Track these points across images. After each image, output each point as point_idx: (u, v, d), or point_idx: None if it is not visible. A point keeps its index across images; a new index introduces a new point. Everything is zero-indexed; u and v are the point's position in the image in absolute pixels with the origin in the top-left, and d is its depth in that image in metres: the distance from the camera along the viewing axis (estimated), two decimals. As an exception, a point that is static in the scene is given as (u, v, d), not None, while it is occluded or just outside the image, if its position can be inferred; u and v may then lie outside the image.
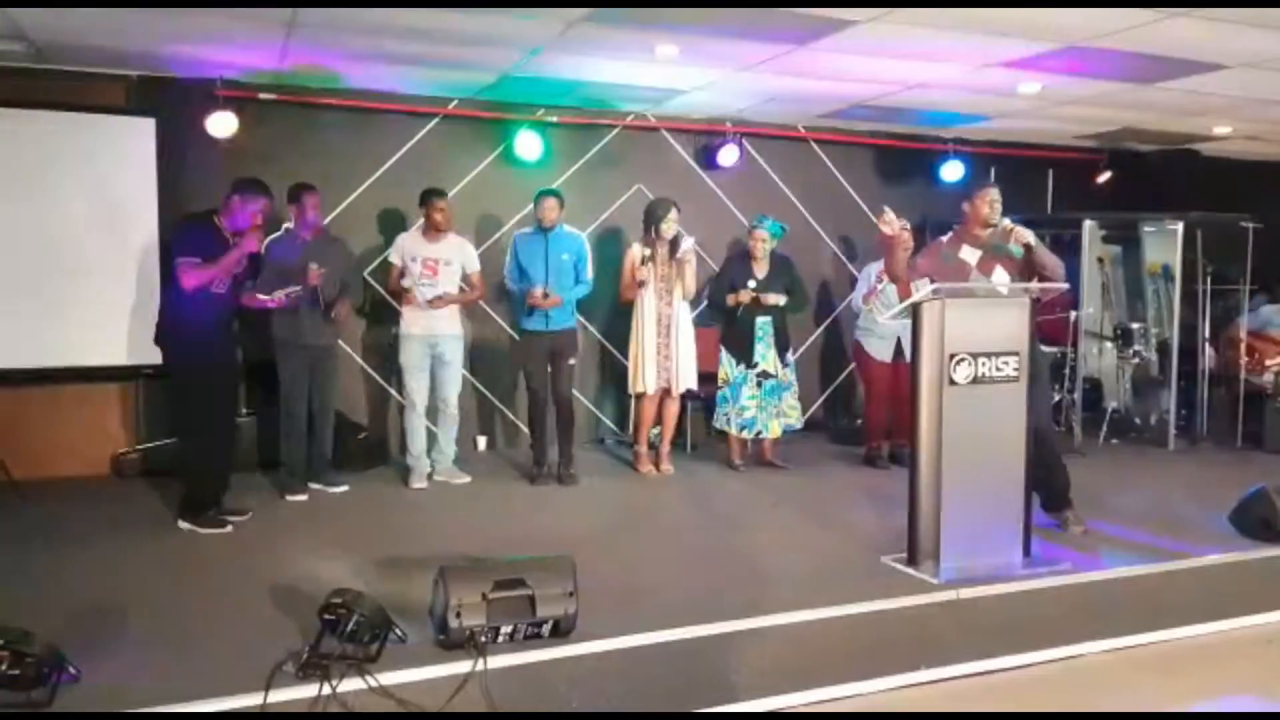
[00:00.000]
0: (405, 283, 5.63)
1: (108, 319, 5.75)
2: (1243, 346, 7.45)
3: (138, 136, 5.78)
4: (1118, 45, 5.02)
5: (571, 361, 5.83)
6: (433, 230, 5.65)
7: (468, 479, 5.84)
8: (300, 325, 5.28)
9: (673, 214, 5.84)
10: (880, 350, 6.31)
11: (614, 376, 7.01)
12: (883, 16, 4.56)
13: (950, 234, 4.84)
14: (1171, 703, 3.47)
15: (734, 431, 6.17)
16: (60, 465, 5.75)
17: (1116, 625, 3.98)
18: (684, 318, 5.99)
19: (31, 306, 5.62)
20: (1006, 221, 4.65)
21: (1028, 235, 4.58)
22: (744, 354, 6.08)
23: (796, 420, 6.28)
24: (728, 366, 6.13)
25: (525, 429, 6.38)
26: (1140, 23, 4.61)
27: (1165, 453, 7.05)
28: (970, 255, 4.66)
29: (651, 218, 5.88)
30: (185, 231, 4.72)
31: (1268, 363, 7.41)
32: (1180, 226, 7.21)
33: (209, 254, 4.58)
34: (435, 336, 5.70)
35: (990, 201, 4.66)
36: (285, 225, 5.47)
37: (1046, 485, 4.77)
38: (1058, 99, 6.34)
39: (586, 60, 5.49)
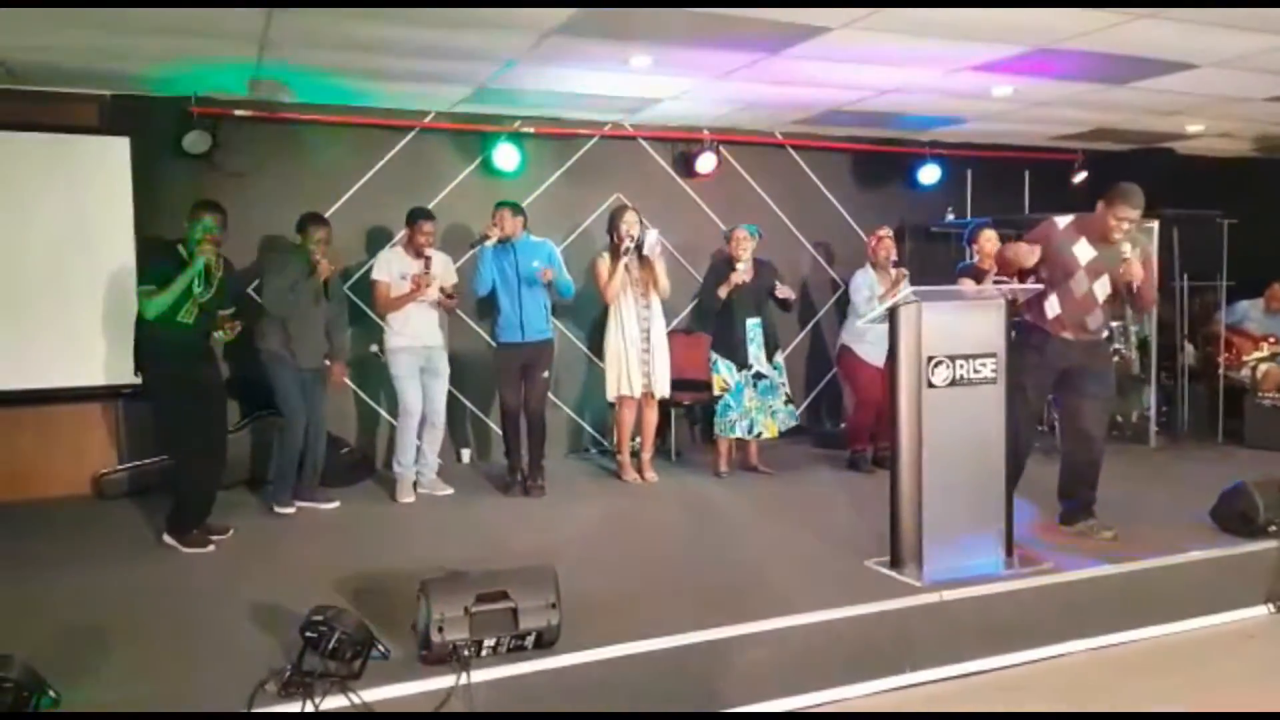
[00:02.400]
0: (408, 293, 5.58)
1: (85, 339, 5.71)
2: (1221, 342, 7.51)
3: (112, 156, 5.74)
4: (1087, 46, 5.07)
5: (545, 374, 5.82)
6: (415, 250, 5.65)
7: (450, 490, 5.82)
8: (293, 346, 5.24)
9: (629, 215, 5.83)
10: (872, 354, 6.29)
11: (596, 385, 6.98)
12: (854, 22, 4.59)
13: (1070, 222, 4.59)
14: (1156, 700, 3.50)
15: (740, 436, 6.16)
16: (40, 487, 5.70)
17: (1100, 624, 4.01)
18: (660, 322, 6.01)
19: (7, 327, 5.57)
20: (1126, 249, 4.46)
21: (1136, 277, 4.45)
22: (739, 357, 6.09)
23: (792, 417, 6.25)
24: (726, 372, 6.10)
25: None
26: (1108, 24, 4.66)
27: (1147, 449, 7.10)
28: (1084, 253, 4.53)
29: (610, 224, 5.91)
30: (146, 263, 4.70)
31: (1245, 358, 7.48)
32: (1156, 224, 7.27)
33: (166, 281, 4.53)
34: (426, 348, 5.71)
35: (1119, 218, 4.42)
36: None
37: (1070, 496, 4.77)
38: (1031, 101, 6.39)
39: (561, 71, 5.51)
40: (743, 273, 6.02)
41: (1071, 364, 4.64)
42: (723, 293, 5.99)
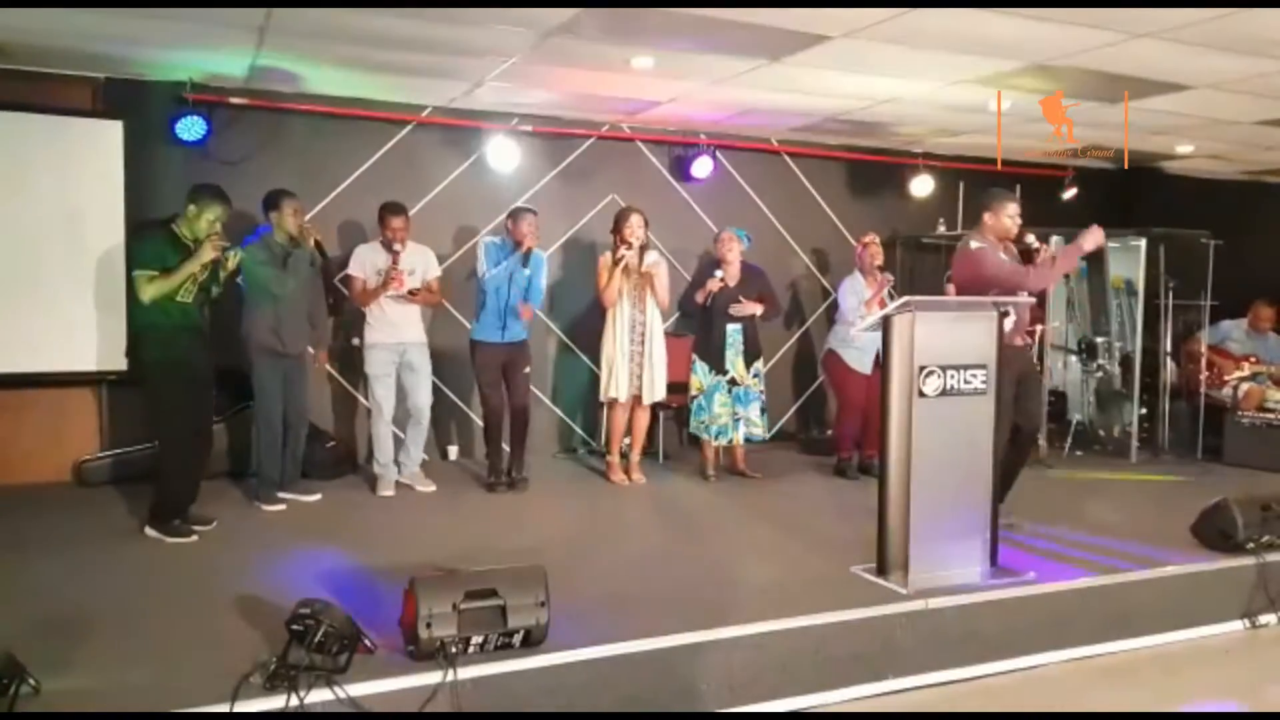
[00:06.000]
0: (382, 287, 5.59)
1: (72, 323, 5.65)
2: (1203, 361, 7.60)
3: (105, 139, 5.69)
4: (1084, 64, 5.12)
5: (526, 370, 5.85)
6: (386, 244, 5.64)
7: (433, 487, 5.82)
8: (280, 331, 5.22)
9: (634, 218, 5.83)
10: (859, 361, 6.31)
11: (585, 385, 7.00)
12: (855, 32, 4.62)
13: (984, 242, 4.74)
14: (1136, 711, 3.53)
15: (709, 439, 6.19)
16: (20, 472, 5.64)
17: (1081, 635, 4.05)
18: (657, 327, 6.01)
19: (-7, 310, 5.52)
20: (1033, 239, 4.74)
21: (1076, 244, 4.72)
22: (716, 362, 6.10)
23: (761, 431, 6.27)
24: (701, 375, 6.14)
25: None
26: (1106, 43, 4.71)
27: (1128, 464, 7.16)
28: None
29: (614, 225, 5.91)
30: (141, 241, 4.67)
31: (1226, 377, 7.56)
32: (1143, 242, 7.34)
33: (166, 264, 4.51)
34: (403, 345, 5.71)
35: (1012, 215, 4.73)
36: (260, 232, 5.35)
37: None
38: (1026, 116, 6.43)
39: (562, 71, 5.50)
40: (719, 279, 6.02)
41: (1024, 369, 4.77)
42: (699, 298, 6.01)
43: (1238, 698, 3.75)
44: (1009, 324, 4.65)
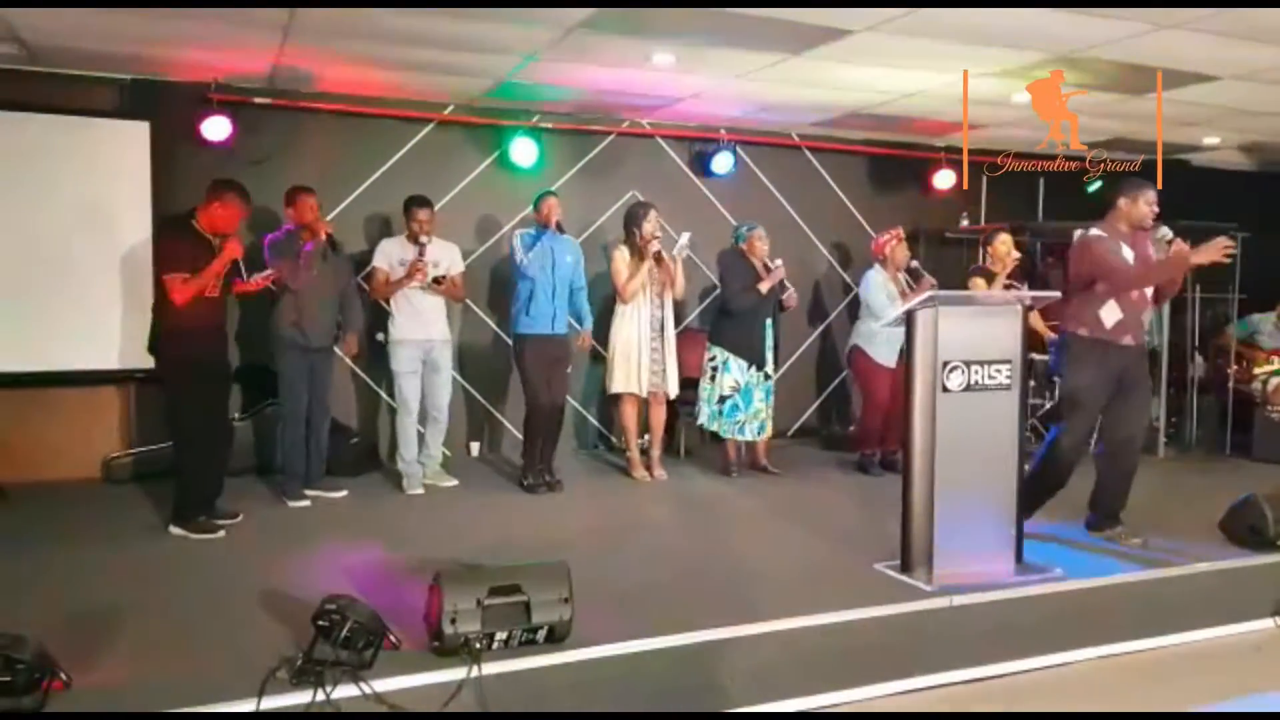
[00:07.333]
0: (408, 279, 5.60)
1: (99, 323, 5.73)
2: (1231, 355, 7.50)
3: (131, 140, 5.76)
4: (1109, 56, 5.06)
5: (569, 368, 5.83)
6: (412, 237, 5.67)
7: (455, 482, 5.85)
8: (302, 324, 5.27)
9: (652, 215, 5.84)
10: (886, 356, 6.27)
11: (602, 380, 6.98)
12: (877, 25, 4.59)
13: (1104, 230, 4.58)
14: (1162, 709, 3.50)
15: (748, 438, 6.17)
16: (49, 469, 5.72)
17: (1108, 632, 4.00)
18: (671, 321, 6.01)
19: (22, 310, 5.59)
20: (1167, 231, 4.57)
21: (1186, 253, 4.51)
22: (756, 357, 6.08)
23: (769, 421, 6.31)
24: (736, 373, 6.07)
25: (519, 434, 6.33)
26: (1132, 34, 4.66)
27: (1155, 460, 7.08)
28: (1128, 255, 4.54)
29: (632, 221, 5.90)
30: (168, 244, 4.73)
31: (1255, 371, 7.47)
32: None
33: (194, 264, 4.57)
34: (430, 342, 5.72)
35: (1150, 202, 4.54)
36: (286, 228, 5.41)
37: (1103, 503, 4.78)
38: (1048, 108, 6.37)
39: (583, 67, 5.51)
40: (781, 269, 6.02)
41: (1126, 371, 4.60)
42: (764, 288, 5.97)
43: (1266, 696, 3.70)
44: (1111, 318, 4.52)
